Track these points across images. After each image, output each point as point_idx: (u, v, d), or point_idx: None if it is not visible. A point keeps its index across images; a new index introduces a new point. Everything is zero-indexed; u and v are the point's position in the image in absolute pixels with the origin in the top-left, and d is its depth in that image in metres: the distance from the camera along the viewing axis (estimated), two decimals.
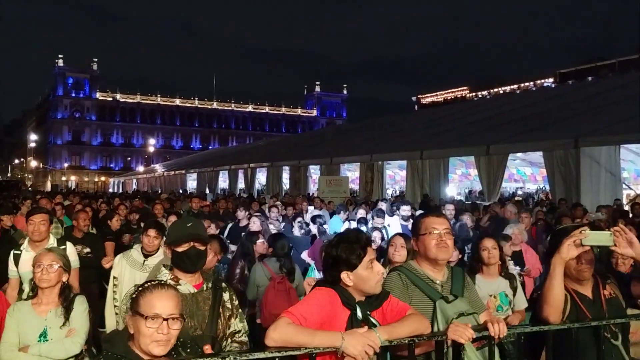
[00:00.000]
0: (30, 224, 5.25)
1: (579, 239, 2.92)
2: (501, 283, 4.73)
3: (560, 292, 2.97)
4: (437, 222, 3.10)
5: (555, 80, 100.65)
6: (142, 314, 2.31)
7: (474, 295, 3.17)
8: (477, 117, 24.77)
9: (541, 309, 2.98)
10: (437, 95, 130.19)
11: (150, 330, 2.29)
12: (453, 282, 3.07)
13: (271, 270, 5.81)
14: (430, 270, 3.08)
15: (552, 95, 28.06)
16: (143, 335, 2.30)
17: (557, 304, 2.96)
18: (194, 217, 8.89)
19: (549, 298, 2.96)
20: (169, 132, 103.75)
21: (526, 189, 27.00)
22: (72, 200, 14.24)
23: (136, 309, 2.34)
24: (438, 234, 3.04)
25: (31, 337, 3.53)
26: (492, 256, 4.70)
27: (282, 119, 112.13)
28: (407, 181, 19.96)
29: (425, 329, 2.68)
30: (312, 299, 2.66)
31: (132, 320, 2.35)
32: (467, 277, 3.22)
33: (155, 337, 2.29)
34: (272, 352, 2.39)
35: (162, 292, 2.38)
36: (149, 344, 2.30)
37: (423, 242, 3.08)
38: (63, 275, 3.73)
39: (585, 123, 16.17)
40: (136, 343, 2.35)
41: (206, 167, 36.47)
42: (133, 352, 2.34)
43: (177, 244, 3.01)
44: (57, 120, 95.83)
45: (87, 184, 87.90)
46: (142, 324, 2.30)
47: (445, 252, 3.04)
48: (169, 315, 2.33)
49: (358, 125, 42.85)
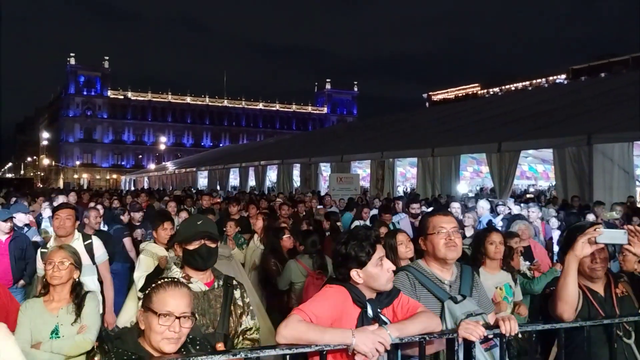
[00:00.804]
0: (56, 219, 5.24)
1: (593, 236, 2.91)
2: (503, 276, 4.74)
3: (574, 289, 2.95)
4: (445, 220, 3.06)
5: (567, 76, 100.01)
6: (155, 311, 2.32)
7: (482, 295, 3.14)
8: (488, 114, 24.65)
9: (555, 306, 2.97)
10: (448, 92, 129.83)
11: (162, 328, 2.31)
12: (462, 282, 3.04)
13: (306, 266, 5.90)
14: (439, 270, 3.05)
15: (565, 91, 27.88)
16: (155, 332, 2.31)
17: (572, 301, 2.95)
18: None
19: (563, 295, 2.94)
20: (180, 130, 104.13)
21: (538, 186, 26.84)
22: (83, 197, 14.31)
23: (149, 305, 2.35)
24: (446, 232, 3.00)
25: (43, 333, 3.55)
26: (499, 251, 4.69)
27: (292, 117, 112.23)
28: (418, 178, 19.92)
29: (436, 327, 2.66)
30: (323, 297, 2.65)
31: (144, 316, 2.37)
32: (476, 277, 3.19)
33: (167, 334, 2.31)
34: (282, 348, 2.39)
35: (175, 290, 2.40)
36: (160, 341, 2.31)
37: (431, 241, 3.04)
38: (74, 272, 3.74)
39: (598, 120, 16.04)
40: (147, 339, 2.36)
41: (217, 165, 36.57)
42: (143, 349, 2.35)
43: (188, 242, 3.01)
44: (69, 118, 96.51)
45: (99, 181, 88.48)
46: (155, 321, 2.31)
47: (453, 251, 2.99)
48: (181, 314, 2.35)
49: (369, 122, 42.78)
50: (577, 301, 2.98)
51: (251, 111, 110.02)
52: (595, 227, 2.96)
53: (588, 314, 3.02)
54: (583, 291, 3.07)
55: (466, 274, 3.10)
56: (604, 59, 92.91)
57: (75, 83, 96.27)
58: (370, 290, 2.68)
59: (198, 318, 2.89)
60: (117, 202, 12.56)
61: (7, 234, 6.37)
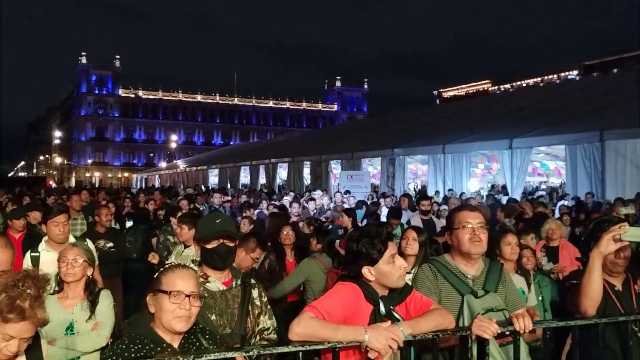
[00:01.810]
0: (54, 225, 5.04)
1: (619, 234, 2.92)
2: (518, 279, 4.70)
3: (599, 286, 2.97)
4: (470, 216, 3.08)
5: (579, 72, 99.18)
6: (165, 291, 2.39)
7: (511, 291, 3.12)
8: (499, 110, 24.53)
9: (579, 302, 2.98)
10: (458, 89, 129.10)
11: (173, 306, 2.37)
12: (488, 277, 3.04)
13: (325, 264, 5.88)
14: (463, 265, 3.07)
15: (577, 87, 27.69)
16: (165, 311, 2.37)
17: (595, 297, 2.96)
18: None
19: (588, 291, 2.95)
20: (191, 128, 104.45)
21: (550, 183, 26.64)
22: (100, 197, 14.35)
23: (158, 287, 2.42)
24: (471, 228, 3.02)
25: (58, 330, 3.57)
26: (514, 252, 4.67)
27: (303, 114, 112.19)
28: (429, 176, 19.85)
29: (449, 324, 2.65)
30: (335, 294, 2.64)
31: (154, 299, 2.42)
32: (505, 273, 3.18)
33: (177, 312, 2.37)
34: (295, 346, 2.39)
35: (183, 271, 2.48)
36: (172, 320, 2.37)
37: (456, 236, 3.07)
38: (88, 269, 3.77)
39: (611, 116, 15.91)
40: (157, 323, 2.41)
41: (228, 163, 36.64)
42: (155, 333, 2.40)
43: (206, 241, 3.01)
44: (81, 117, 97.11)
45: (110, 180, 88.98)
46: (165, 300, 2.38)
47: (478, 246, 3.01)
48: (191, 292, 2.41)
49: (379, 119, 42.69)
50: (600, 297, 2.99)
51: (261, 109, 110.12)
52: (620, 224, 2.97)
53: (604, 308, 3.03)
54: (603, 285, 3.07)
55: (494, 270, 3.10)
56: (617, 55, 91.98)
57: (86, 82, 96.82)
58: (383, 288, 2.68)
59: (215, 318, 2.91)
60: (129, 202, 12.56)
61: (20, 231, 6.42)
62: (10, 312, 2.13)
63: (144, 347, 2.37)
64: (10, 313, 2.13)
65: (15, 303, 2.14)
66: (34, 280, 2.24)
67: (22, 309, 2.15)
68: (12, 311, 2.13)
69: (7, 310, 2.13)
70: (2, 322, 2.14)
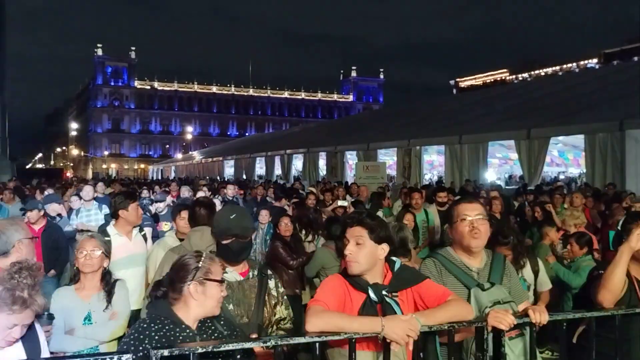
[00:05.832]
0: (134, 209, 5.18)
1: None
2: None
3: (621, 280, 2.94)
4: (469, 208, 3.01)
5: (599, 60, 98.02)
6: (218, 280, 2.55)
7: (514, 283, 3.08)
8: (517, 100, 24.29)
9: (598, 292, 2.95)
10: (475, 79, 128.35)
11: (220, 294, 2.55)
12: (492, 270, 3.00)
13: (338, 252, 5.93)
14: (466, 258, 3.02)
15: (596, 76, 27.30)
16: (212, 298, 2.52)
17: (615, 291, 2.93)
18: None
19: (608, 284, 2.93)
20: (206, 120, 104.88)
21: (568, 173, 26.39)
22: (114, 188, 14.44)
23: (208, 276, 2.53)
24: (470, 220, 2.96)
25: (76, 320, 3.63)
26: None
27: (318, 105, 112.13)
28: (446, 166, 19.75)
29: (467, 315, 2.62)
30: (325, 286, 2.69)
31: (201, 288, 2.49)
32: (508, 265, 3.13)
33: (220, 299, 2.56)
34: (312, 336, 2.39)
35: (218, 261, 2.65)
36: (215, 306, 2.54)
37: (456, 229, 3.01)
38: (105, 260, 3.81)
39: (631, 105, 15.65)
40: (188, 308, 2.49)
41: (243, 154, 36.78)
42: (175, 315, 2.48)
43: (221, 237, 3.06)
44: (97, 109, 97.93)
45: (127, 171, 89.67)
46: (217, 288, 2.54)
47: (477, 239, 2.94)
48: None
49: (395, 109, 42.51)
50: (620, 291, 2.96)
51: (277, 100, 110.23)
52: None
53: (629, 299, 3.00)
54: (630, 278, 3.04)
55: (497, 262, 3.05)
56: (637, 42, 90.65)
57: (102, 74, 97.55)
58: (371, 275, 2.65)
59: (233, 308, 2.97)
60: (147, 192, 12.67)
61: (36, 223, 6.49)
62: (14, 304, 2.28)
63: (164, 327, 2.44)
64: (14, 304, 2.28)
65: (16, 294, 2.29)
66: (29, 270, 2.37)
67: (23, 299, 2.30)
68: (15, 302, 2.28)
69: (10, 302, 2.28)
70: (7, 314, 2.28)
